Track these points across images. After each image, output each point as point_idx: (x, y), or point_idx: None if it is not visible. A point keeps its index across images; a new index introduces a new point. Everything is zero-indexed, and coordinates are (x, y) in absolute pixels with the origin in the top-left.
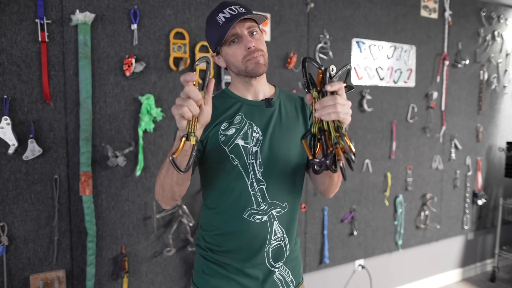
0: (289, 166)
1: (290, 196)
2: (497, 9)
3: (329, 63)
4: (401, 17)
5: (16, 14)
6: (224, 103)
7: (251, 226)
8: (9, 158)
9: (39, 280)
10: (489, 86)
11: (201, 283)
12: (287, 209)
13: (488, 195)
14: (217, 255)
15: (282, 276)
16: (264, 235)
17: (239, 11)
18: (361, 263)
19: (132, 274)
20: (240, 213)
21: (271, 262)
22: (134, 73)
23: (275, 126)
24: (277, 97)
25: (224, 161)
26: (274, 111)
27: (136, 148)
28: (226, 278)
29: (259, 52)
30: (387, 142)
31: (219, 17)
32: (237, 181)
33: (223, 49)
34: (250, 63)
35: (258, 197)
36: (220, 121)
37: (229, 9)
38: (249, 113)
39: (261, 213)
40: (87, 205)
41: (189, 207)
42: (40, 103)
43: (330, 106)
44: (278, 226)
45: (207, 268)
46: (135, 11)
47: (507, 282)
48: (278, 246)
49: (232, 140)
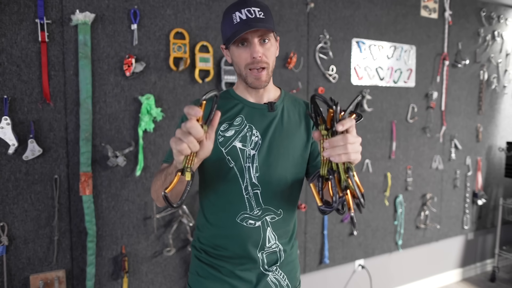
0: (287, 172)
1: (285, 203)
2: (497, 9)
3: (329, 63)
4: (401, 17)
5: (16, 14)
6: (226, 104)
7: (243, 230)
8: (9, 158)
9: (39, 280)
10: (489, 86)
11: (196, 285)
12: (282, 215)
13: (488, 195)
14: (211, 257)
15: (277, 280)
16: (257, 240)
17: (257, 16)
18: (361, 263)
19: (132, 274)
20: (233, 216)
21: (265, 266)
22: (134, 73)
23: (275, 131)
24: (281, 101)
25: (220, 163)
26: (276, 115)
27: (136, 148)
28: (220, 280)
29: (263, 64)
30: (387, 142)
31: (235, 15)
32: (231, 184)
33: (231, 47)
34: (250, 76)
35: (252, 202)
36: (220, 122)
37: (247, 10)
38: (250, 115)
39: (254, 218)
40: (87, 205)
41: (189, 207)
42: (40, 103)
43: (341, 147)
44: (271, 233)
45: (201, 270)
46: (135, 11)
47: (507, 282)
48: (273, 252)
49: (230, 142)
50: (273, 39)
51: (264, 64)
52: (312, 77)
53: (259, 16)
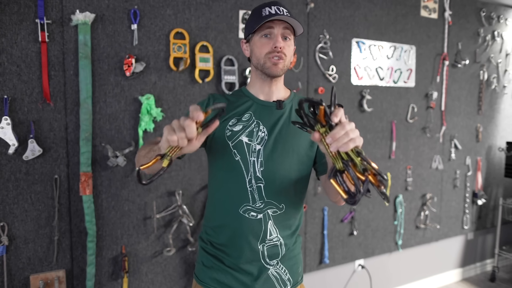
0: (291, 169)
1: (288, 199)
2: (497, 9)
3: (329, 63)
4: (401, 17)
5: (16, 14)
6: (237, 100)
7: (245, 222)
8: (9, 158)
9: (39, 280)
10: (489, 86)
11: (201, 274)
12: (284, 210)
13: (488, 195)
14: (215, 249)
15: (278, 274)
16: (258, 232)
17: (284, 13)
18: (361, 263)
19: (132, 274)
20: (236, 207)
21: (266, 260)
22: (134, 73)
23: (282, 128)
24: (289, 101)
25: (227, 155)
26: (284, 113)
27: (136, 148)
28: (223, 271)
29: (282, 55)
30: (387, 142)
31: (265, 10)
32: (236, 176)
33: (253, 37)
34: (269, 62)
35: (255, 195)
36: (229, 117)
37: (277, 8)
38: (259, 112)
39: (256, 210)
40: (87, 205)
41: (189, 207)
42: (40, 103)
43: (344, 136)
44: (273, 226)
45: (206, 260)
46: (135, 11)
47: (507, 282)
48: (274, 245)
49: (237, 136)
50: (292, 41)
51: (283, 55)
52: (312, 77)
53: (286, 14)
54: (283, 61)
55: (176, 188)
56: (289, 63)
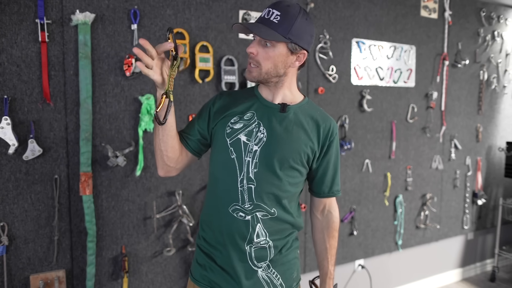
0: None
1: (280, 204)
2: (497, 9)
3: (329, 63)
4: (401, 17)
5: (16, 14)
6: (244, 98)
7: (233, 221)
8: (9, 158)
9: (39, 280)
10: (489, 86)
11: (195, 272)
12: (275, 215)
13: (488, 195)
14: (209, 246)
15: (269, 278)
16: (245, 233)
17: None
18: (361, 263)
19: (132, 274)
20: (226, 205)
21: (254, 261)
22: (134, 73)
23: (282, 132)
24: (297, 106)
25: (224, 152)
26: (287, 117)
27: (136, 148)
28: (214, 269)
29: (254, 62)
30: (387, 142)
31: (264, 10)
32: (230, 174)
33: None
34: (247, 67)
35: (245, 195)
36: (231, 113)
37: (269, 10)
38: (261, 112)
39: (244, 211)
40: (87, 205)
41: (189, 207)
42: (40, 103)
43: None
44: (262, 229)
45: (200, 258)
46: (135, 11)
47: (507, 282)
48: (261, 247)
49: (236, 134)
50: (281, 47)
51: (254, 62)
52: (312, 77)
53: (272, 19)
54: (258, 69)
55: (176, 188)
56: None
